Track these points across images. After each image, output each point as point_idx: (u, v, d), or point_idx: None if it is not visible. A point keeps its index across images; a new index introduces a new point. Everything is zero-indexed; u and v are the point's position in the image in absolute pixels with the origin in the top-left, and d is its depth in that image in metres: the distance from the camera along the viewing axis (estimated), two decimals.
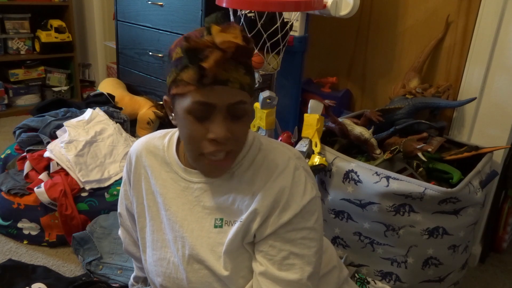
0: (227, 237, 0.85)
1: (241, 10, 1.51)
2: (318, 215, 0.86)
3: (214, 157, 0.79)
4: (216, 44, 0.72)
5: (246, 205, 0.84)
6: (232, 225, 0.85)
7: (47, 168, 1.83)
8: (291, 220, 0.82)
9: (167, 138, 0.95)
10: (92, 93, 2.45)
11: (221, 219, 0.87)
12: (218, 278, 0.86)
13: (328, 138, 1.65)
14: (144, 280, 1.16)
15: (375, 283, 1.47)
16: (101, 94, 2.40)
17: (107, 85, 2.63)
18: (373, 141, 1.54)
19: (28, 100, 3.17)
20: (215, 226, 0.87)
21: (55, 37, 3.11)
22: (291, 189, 0.83)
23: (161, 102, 2.47)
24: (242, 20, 1.49)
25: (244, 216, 0.83)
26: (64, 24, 3.14)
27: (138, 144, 0.97)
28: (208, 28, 0.74)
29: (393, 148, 1.47)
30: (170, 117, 0.86)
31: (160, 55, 2.44)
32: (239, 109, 0.77)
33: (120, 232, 1.11)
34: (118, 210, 1.07)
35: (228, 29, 0.74)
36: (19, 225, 1.75)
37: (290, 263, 0.82)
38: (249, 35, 0.79)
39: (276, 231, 0.82)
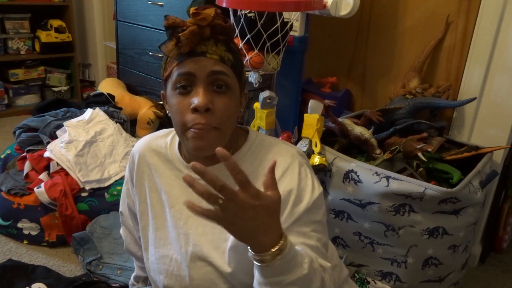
0: None
1: (241, 10, 1.50)
2: (325, 209, 0.88)
3: (198, 129, 0.79)
4: (191, 20, 0.79)
5: None
6: None
7: (47, 168, 1.83)
8: (302, 215, 0.83)
9: (169, 136, 0.96)
10: (92, 93, 2.45)
11: None
12: (221, 275, 0.86)
13: (328, 138, 1.65)
14: (144, 280, 1.16)
15: (375, 283, 1.47)
16: (101, 94, 2.40)
17: (107, 85, 2.63)
18: (373, 141, 1.54)
19: (28, 100, 3.17)
20: None
21: (55, 37, 3.11)
22: (300, 186, 0.84)
23: (161, 102, 2.47)
24: (242, 20, 1.49)
25: None
26: (64, 24, 3.14)
27: (141, 143, 0.98)
28: (188, 12, 0.81)
29: (393, 148, 1.47)
30: (167, 111, 0.88)
31: (160, 55, 2.44)
32: (220, 80, 0.80)
33: (121, 231, 1.11)
34: (120, 209, 1.08)
35: (204, 9, 0.80)
36: (19, 225, 1.76)
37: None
38: (229, 20, 0.83)
39: (289, 227, 0.83)
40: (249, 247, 0.69)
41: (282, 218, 0.82)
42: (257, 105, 1.60)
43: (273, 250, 0.67)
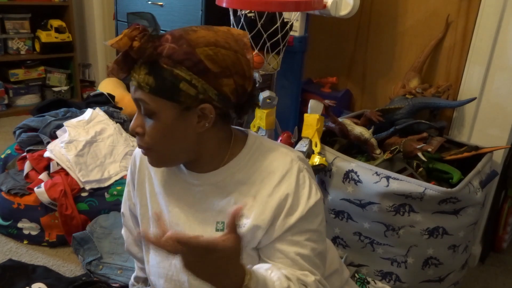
0: None
1: (241, 10, 1.51)
2: (322, 217, 0.86)
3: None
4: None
5: (248, 208, 0.84)
6: None
7: (47, 168, 1.83)
8: (296, 224, 0.82)
9: None
10: (92, 93, 2.45)
11: (223, 223, 0.86)
12: None
13: (328, 138, 1.65)
14: (144, 281, 1.16)
15: (375, 283, 1.47)
16: (101, 94, 2.40)
17: (107, 85, 2.63)
18: (373, 141, 1.54)
19: (28, 100, 3.17)
20: (217, 230, 0.86)
21: (55, 37, 3.11)
22: (296, 193, 0.82)
23: None
24: (242, 20, 1.49)
25: (246, 224, 0.83)
26: (64, 24, 3.14)
27: None
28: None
29: (393, 148, 1.47)
30: None
31: None
32: (143, 107, 0.79)
33: (123, 231, 1.11)
34: (122, 210, 1.08)
35: (128, 29, 0.75)
36: (19, 225, 1.75)
37: (299, 264, 0.82)
38: (153, 32, 0.77)
39: (282, 235, 0.82)
40: None
41: (274, 228, 0.82)
42: None
43: None
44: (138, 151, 0.98)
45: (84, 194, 1.78)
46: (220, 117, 0.81)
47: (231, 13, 1.51)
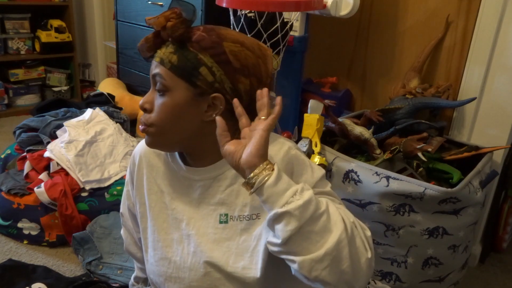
0: (253, 233, 0.84)
1: (241, 10, 1.51)
2: (331, 187, 0.85)
3: (142, 126, 0.85)
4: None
5: (248, 200, 0.84)
6: (237, 220, 0.86)
7: (47, 168, 1.83)
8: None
9: None
10: (92, 93, 2.46)
11: (226, 215, 0.87)
12: (222, 276, 0.86)
13: (328, 138, 1.65)
14: (144, 281, 1.16)
15: (375, 283, 1.46)
16: (101, 94, 2.40)
17: (107, 85, 2.63)
18: (373, 141, 1.54)
19: (28, 100, 3.17)
20: (220, 222, 0.87)
21: (55, 37, 3.11)
22: (297, 172, 0.82)
23: None
24: (242, 20, 1.49)
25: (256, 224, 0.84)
26: (64, 24, 3.14)
27: (142, 144, 0.98)
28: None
29: (393, 148, 1.47)
30: None
31: None
32: (158, 82, 0.81)
33: (122, 232, 1.11)
34: (121, 210, 1.08)
35: (166, 11, 0.80)
36: (19, 225, 1.76)
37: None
38: (185, 16, 0.81)
39: None
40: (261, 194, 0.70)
41: None
42: None
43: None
44: (137, 150, 0.98)
45: (84, 194, 1.78)
46: (229, 112, 0.81)
47: (231, 13, 1.51)
